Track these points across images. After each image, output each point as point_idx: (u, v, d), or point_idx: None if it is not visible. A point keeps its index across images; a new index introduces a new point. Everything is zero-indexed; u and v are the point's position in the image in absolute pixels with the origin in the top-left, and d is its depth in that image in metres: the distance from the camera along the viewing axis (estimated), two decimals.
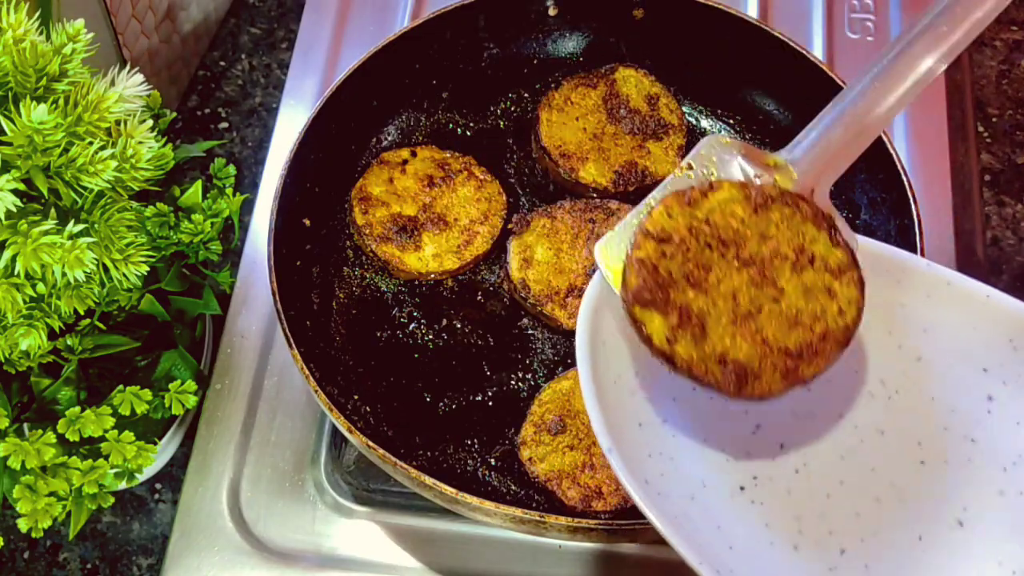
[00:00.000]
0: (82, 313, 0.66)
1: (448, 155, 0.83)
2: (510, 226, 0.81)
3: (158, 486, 0.83)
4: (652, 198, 0.60)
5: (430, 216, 0.80)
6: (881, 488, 0.59)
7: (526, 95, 0.89)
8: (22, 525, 0.66)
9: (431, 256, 0.79)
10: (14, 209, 0.56)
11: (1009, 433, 0.60)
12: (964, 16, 0.59)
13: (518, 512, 0.64)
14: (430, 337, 0.79)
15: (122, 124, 0.62)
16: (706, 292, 0.55)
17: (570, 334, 0.78)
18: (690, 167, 0.60)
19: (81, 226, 0.59)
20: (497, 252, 0.82)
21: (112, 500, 0.70)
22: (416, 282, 0.81)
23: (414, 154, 0.82)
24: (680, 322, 0.55)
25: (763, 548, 0.58)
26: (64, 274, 0.58)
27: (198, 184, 0.79)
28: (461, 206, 0.81)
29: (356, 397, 0.76)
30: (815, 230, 0.57)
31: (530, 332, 0.79)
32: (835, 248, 0.57)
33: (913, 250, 0.73)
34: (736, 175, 0.60)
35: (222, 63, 1.03)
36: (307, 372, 0.68)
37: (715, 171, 0.60)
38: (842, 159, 0.60)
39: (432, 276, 0.80)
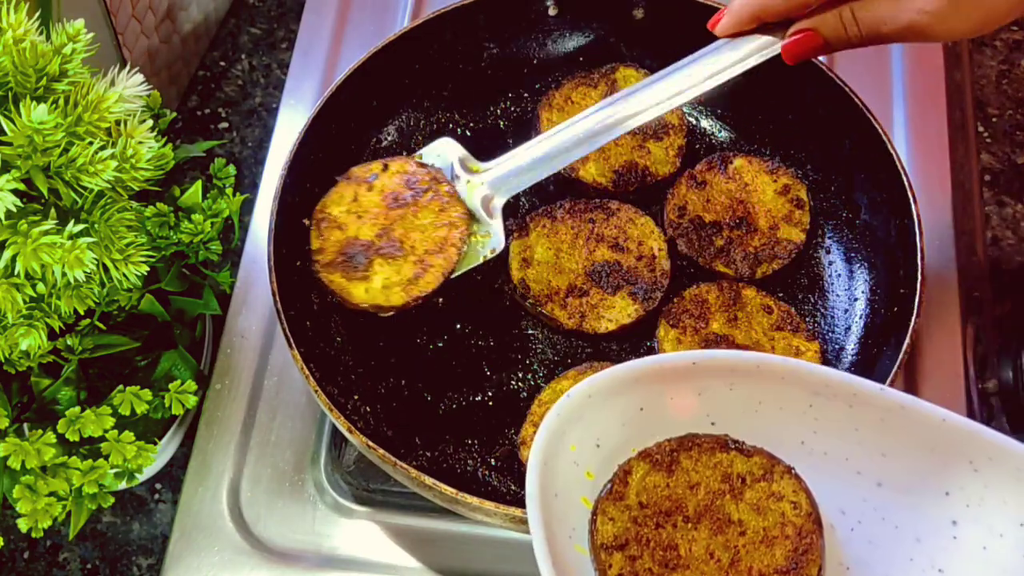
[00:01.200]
0: (82, 313, 0.66)
1: (419, 169, 0.76)
2: (509, 226, 0.81)
3: (158, 486, 0.83)
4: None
5: (386, 241, 0.74)
6: None
7: (526, 95, 0.89)
8: (22, 525, 0.66)
9: (379, 288, 0.73)
10: (14, 209, 0.56)
11: (976, 559, 0.59)
12: (678, 85, 0.72)
13: (518, 512, 0.64)
14: (430, 337, 0.79)
15: (122, 124, 0.62)
16: (689, 566, 0.58)
17: (570, 334, 0.78)
18: (420, 157, 0.78)
19: (81, 226, 0.59)
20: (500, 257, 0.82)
21: (112, 500, 0.70)
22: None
23: (385, 167, 0.76)
24: None
25: None
26: (64, 274, 0.58)
27: (198, 184, 0.79)
28: (419, 231, 0.75)
29: (356, 397, 0.76)
30: (724, 455, 0.61)
31: (530, 332, 0.79)
32: (749, 458, 0.61)
33: (913, 250, 0.73)
34: (449, 171, 0.77)
35: (222, 63, 1.03)
36: (307, 372, 0.68)
37: (436, 162, 0.77)
38: (519, 183, 0.76)
39: (380, 310, 0.74)
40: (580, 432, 0.60)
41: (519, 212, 0.84)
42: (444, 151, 0.77)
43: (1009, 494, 0.59)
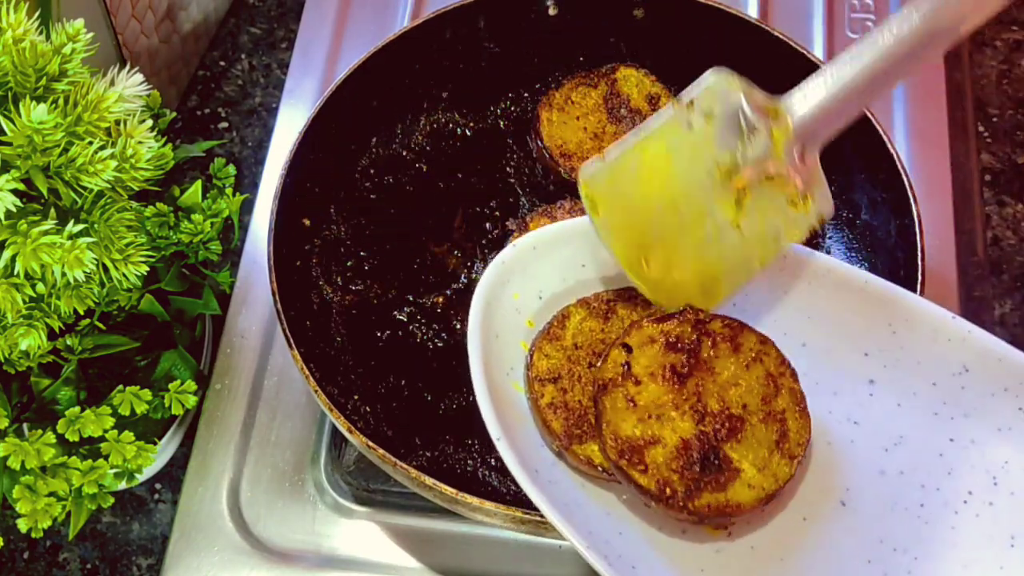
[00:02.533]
0: (82, 313, 0.66)
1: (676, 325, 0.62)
2: (509, 226, 0.81)
3: (158, 486, 0.83)
4: (645, 128, 0.61)
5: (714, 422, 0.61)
6: None
7: (526, 95, 0.89)
8: (22, 525, 0.66)
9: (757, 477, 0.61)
10: (14, 209, 0.56)
11: (890, 415, 0.62)
12: None
13: (518, 512, 0.64)
14: (430, 337, 0.79)
15: (122, 124, 0.62)
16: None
17: None
18: (691, 104, 0.59)
19: (81, 226, 0.59)
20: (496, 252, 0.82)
21: (112, 500, 0.70)
22: (416, 282, 0.81)
23: (629, 351, 0.61)
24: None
25: (653, 532, 0.60)
26: (64, 274, 0.58)
27: (198, 184, 0.79)
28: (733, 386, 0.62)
29: (356, 397, 0.76)
30: (657, 308, 0.63)
31: None
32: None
33: (914, 250, 0.73)
34: (735, 118, 0.59)
35: (222, 63, 1.03)
36: (307, 372, 0.68)
37: (715, 112, 0.59)
38: (840, 117, 0.59)
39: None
40: (523, 282, 0.65)
41: (519, 212, 0.84)
42: (723, 95, 0.59)
43: (924, 355, 0.62)
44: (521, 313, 0.65)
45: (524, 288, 0.65)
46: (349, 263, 0.81)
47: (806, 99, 0.59)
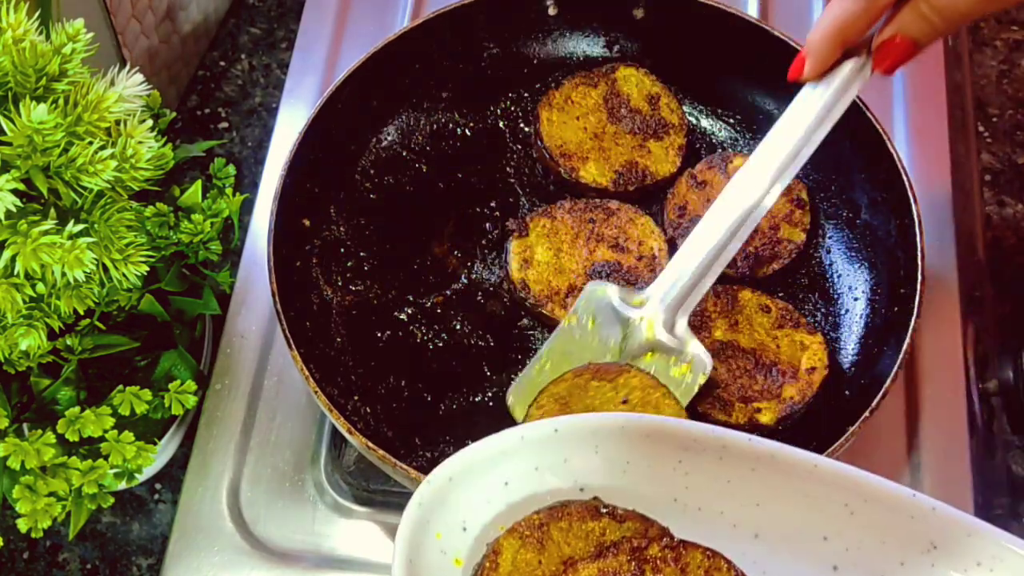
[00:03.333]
0: (82, 313, 0.66)
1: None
2: (509, 226, 0.81)
3: (158, 486, 0.83)
4: (545, 345, 0.73)
5: None
6: None
7: (526, 95, 0.89)
8: (22, 525, 0.66)
9: None
10: (14, 209, 0.56)
11: None
12: (797, 155, 0.70)
13: None
14: (430, 337, 0.79)
15: (122, 124, 0.62)
16: None
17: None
18: (575, 315, 0.73)
19: (81, 226, 0.59)
20: (497, 252, 0.82)
21: (112, 500, 0.70)
22: (416, 282, 0.81)
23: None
24: None
25: None
26: (64, 274, 0.58)
27: (198, 184, 0.79)
28: None
29: (356, 398, 0.76)
30: (595, 522, 0.59)
31: (530, 332, 0.79)
32: (621, 523, 0.59)
33: (914, 250, 0.73)
34: (611, 315, 0.72)
35: (222, 63, 1.03)
36: (307, 373, 0.68)
37: (595, 316, 0.73)
38: (693, 290, 0.71)
39: None
40: (444, 517, 0.58)
41: (519, 212, 0.84)
42: (596, 298, 0.72)
43: (887, 534, 0.58)
44: (447, 554, 0.58)
45: (446, 524, 0.58)
46: (349, 263, 0.81)
47: (661, 286, 0.71)
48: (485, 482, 0.59)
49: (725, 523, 0.60)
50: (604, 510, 0.59)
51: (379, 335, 0.79)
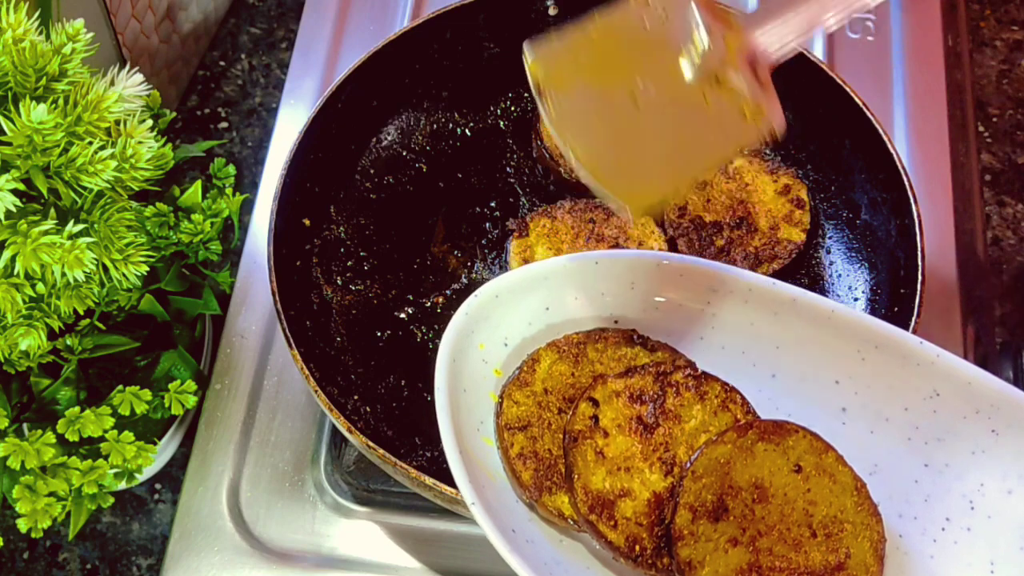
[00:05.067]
0: (82, 313, 0.65)
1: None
2: (509, 226, 0.81)
3: (158, 486, 0.83)
4: (602, 17, 0.57)
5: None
6: None
7: (526, 95, 0.89)
8: (22, 525, 0.66)
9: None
10: (14, 209, 0.56)
11: (864, 444, 0.62)
12: None
13: None
14: (430, 337, 0.79)
15: (122, 124, 0.62)
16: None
17: None
18: (647, 3, 0.57)
19: (81, 226, 0.59)
20: (497, 252, 0.82)
21: (112, 500, 0.70)
22: (416, 282, 0.81)
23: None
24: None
25: None
26: (64, 274, 0.58)
27: (198, 184, 0.79)
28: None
29: (356, 397, 0.76)
30: (628, 348, 0.64)
31: None
32: (653, 352, 0.63)
33: (914, 250, 0.73)
34: (689, 22, 0.56)
35: (222, 63, 1.03)
36: (307, 372, 0.68)
37: (671, 12, 0.57)
38: (791, 36, 0.57)
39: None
40: (488, 331, 0.63)
41: (519, 212, 0.84)
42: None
43: (895, 380, 0.61)
44: (488, 363, 0.63)
45: (489, 337, 0.63)
46: (349, 263, 0.81)
47: (758, 13, 0.58)
48: (528, 304, 0.64)
49: (746, 362, 0.65)
50: (638, 340, 0.64)
51: (379, 335, 0.79)
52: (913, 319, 0.70)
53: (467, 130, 0.88)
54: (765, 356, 0.65)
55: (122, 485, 0.71)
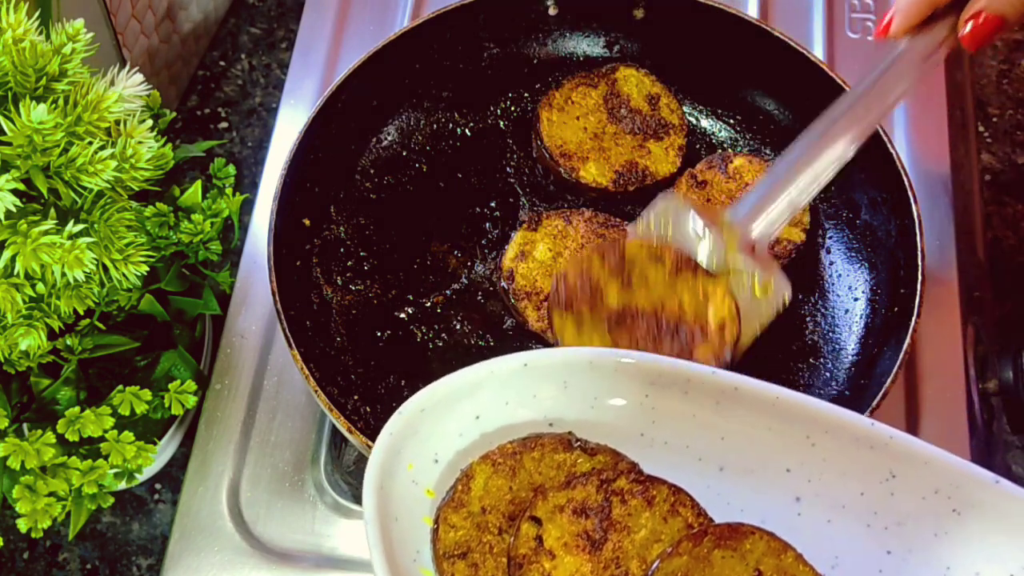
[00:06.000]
0: (82, 313, 0.66)
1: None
2: (521, 217, 0.81)
3: (158, 486, 0.83)
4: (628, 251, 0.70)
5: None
6: None
7: (526, 95, 0.89)
8: (22, 525, 0.66)
9: None
10: (14, 209, 0.56)
11: (822, 535, 0.59)
12: (878, 102, 0.69)
13: None
14: (430, 337, 0.79)
15: (122, 124, 0.62)
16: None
17: (533, 336, 0.78)
18: (648, 225, 0.71)
19: (81, 226, 0.59)
20: (497, 252, 0.82)
21: (112, 500, 0.70)
22: (416, 282, 0.81)
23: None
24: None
25: None
26: (64, 274, 0.58)
27: (198, 184, 0.79)
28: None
29: (356, 397, 0.76)
30: (567, 454, 0.61)
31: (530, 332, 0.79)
32: (593, 456, 0.61)
33: (914, 250, 0.73)
34: (690, 233, 0.70)
35: (222, 63, 1.03)
36: (307, 372, 0.68)
37: (671, 229, 0.71)
38: (776, 222, 0.70)
39: None
40: (416, 448, 0.59)
41: (519, 212, 0.84)
42: (674, 209, 0.71)
43: (848, 465, 0.59)
44: (419, 484, 0.59)
45: (418, 455, 0.59)
46: (349, 263, 0.81)
47: (743, 204, 0.70)
48: (456, 414, 0.60)
49: (691, 456, 0.62)
50: (576, 443, 0.60)
51: (379, 335, 0.79)
52: (913, 319, 0.70)
53: (467, 130, 0.88)
54: (711, 449, 0.61)
55: (122, 485, 0.71)
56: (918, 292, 0.71)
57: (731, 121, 0.88)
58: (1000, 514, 0.56)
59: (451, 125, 0.88)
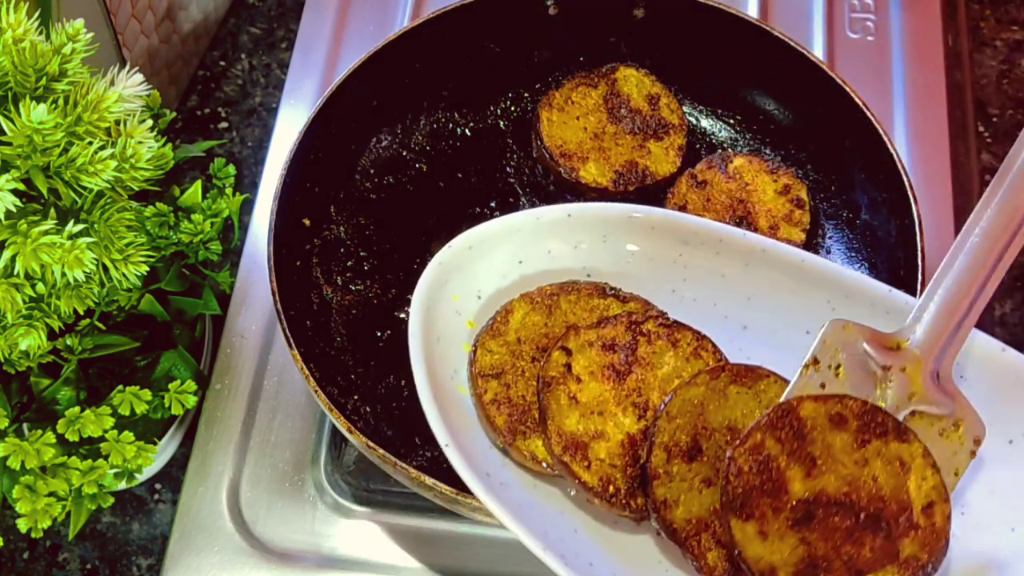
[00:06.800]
0: (82, 313, 0.65)
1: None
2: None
3: (158, 486, 0.83)
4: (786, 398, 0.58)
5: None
6: None
7: (526, 95, 0.89)
8: (22, 525, 0.66)
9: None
10: (14, 209, 0.56)
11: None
12: None
13: None
14: None
15: (122, 124, 0.62)
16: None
17: None
18: (816, 361, 0.58)
19: (81, 226, 0.59)
20: None
21: (112, 500, 0.70)
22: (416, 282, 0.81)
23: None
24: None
25: (606, 528, 0.60)
26: (64, 274, 0.58)
27: (198, 184, 0.79)
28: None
29: (356, 397, 0.76)
30: (601, 300, 0.65)
31: None
32: (625, 303, 0.64)
33: (914, 250, 0.73)
34: (868, 371, 0.58)
35: (222, 63, 1.03)
36: (307, 372, 0.68)
37: (842, 363, 0.58)
38: (964, 331, 0.58)
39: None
40: (461, 283, 0.64)
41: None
42: (842, 340, 0.58)
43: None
44: (461, 315, 0.65)
45: (463, 289, 0.65)
46: (349, 263, 0.81)
47: (922, 322, 0.58)
48: (501, 256, 0.66)
49: (718, 314, 0.66)
50: (611, 292, 0.66)
51: (379, 335, 0.79)
52: None
53: (467, 130, 0.88)
54: (737, 308, 0.65)
55: (122, 485, 0.71)
56: (918, 292, 0.71)
57: (731, 121, 0.88)
58: (1004, 381, 0.59)
59: (451, 125, 0.88)
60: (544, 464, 0.61)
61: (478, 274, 0.65)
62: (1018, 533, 0.58)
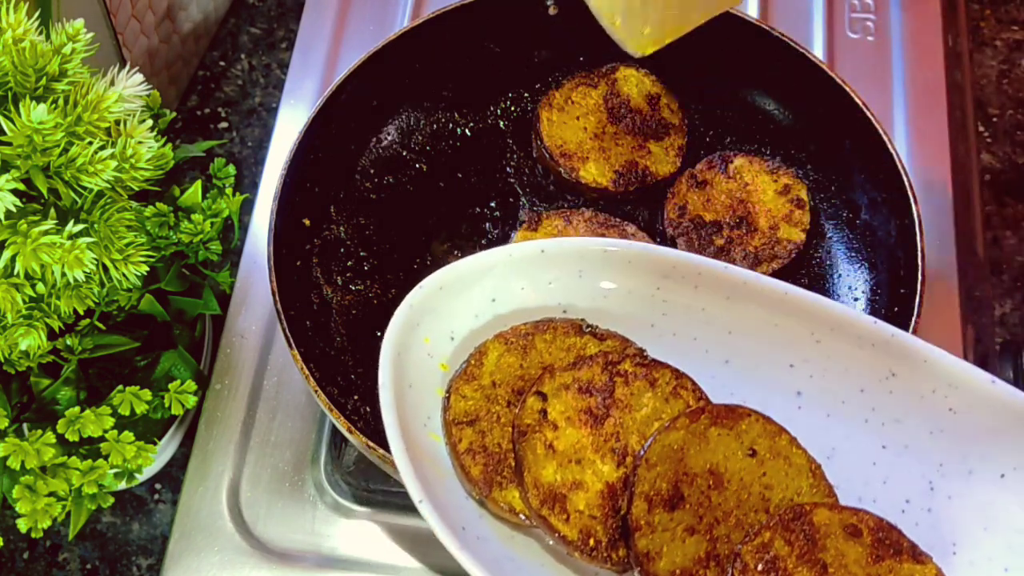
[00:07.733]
0: (82, 313, 0.66)
1: None
2: (522, 216, 0.81)
3: (158, 486, 0.83)
4: None
5: None
6: None
7: (526, 95, 0.89)
8: (22, 525, 0.66)
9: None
10: (14, 209, 0.56)
11: (820, 428, 0.61)
12: None
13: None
14: None
15: (122, 124, 0.62)
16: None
17: None
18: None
19: (81, 226, 0.59)
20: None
21: (112, 500, 0.70)
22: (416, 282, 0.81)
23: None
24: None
25: None
26: (64, 274, 0.58)
27: (198, 184, 0.79)
28: None
29: (356, 397, 0.76)
30: (577, 338, 0.63)
31: None
32: (602, 341, 0.63)
33: (914, 250, 0.73)
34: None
35: (222, 63, 1.03)
36: (307, 372, 0.68)
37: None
38: None
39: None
40: (433, 324, 0.62)
41: (519, 212, 0.84)
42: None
43: (849, 362, 0.61)
44: (434, 357, 0.62)
45: (434, 330, 0.62)
46: (349, 263, 0.81)
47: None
48: (474, 295, 0.63)
49: (698, 349, 0.64)
50: (587, 329, 0.63)
51: (379, 335, 0.78)
52: (913, 319, 0.70)
53: (467, 130, 0.88)
54: (718, 342, 0.64)
55: (122, 485, 0.71)
56: (918, 292, 0.71)
57: (731, 121, 0.88)
58: (994, 415, 0.58)
59: (451, 125, 0.88)
60: (522, 516, 0.59)
61: (451, 315, 0.63)
62: (1011, 573, 0.57)
